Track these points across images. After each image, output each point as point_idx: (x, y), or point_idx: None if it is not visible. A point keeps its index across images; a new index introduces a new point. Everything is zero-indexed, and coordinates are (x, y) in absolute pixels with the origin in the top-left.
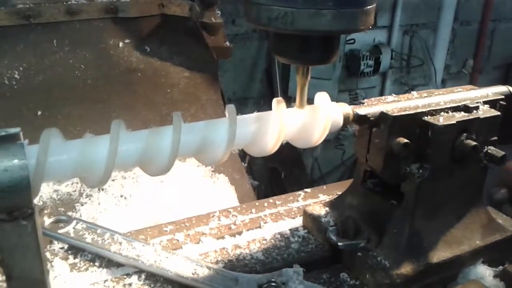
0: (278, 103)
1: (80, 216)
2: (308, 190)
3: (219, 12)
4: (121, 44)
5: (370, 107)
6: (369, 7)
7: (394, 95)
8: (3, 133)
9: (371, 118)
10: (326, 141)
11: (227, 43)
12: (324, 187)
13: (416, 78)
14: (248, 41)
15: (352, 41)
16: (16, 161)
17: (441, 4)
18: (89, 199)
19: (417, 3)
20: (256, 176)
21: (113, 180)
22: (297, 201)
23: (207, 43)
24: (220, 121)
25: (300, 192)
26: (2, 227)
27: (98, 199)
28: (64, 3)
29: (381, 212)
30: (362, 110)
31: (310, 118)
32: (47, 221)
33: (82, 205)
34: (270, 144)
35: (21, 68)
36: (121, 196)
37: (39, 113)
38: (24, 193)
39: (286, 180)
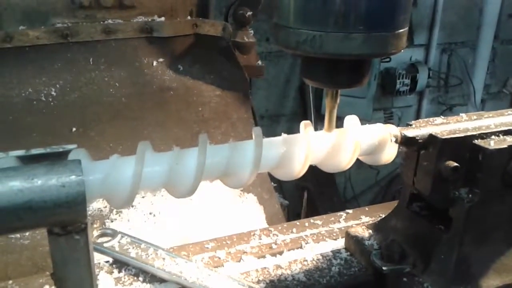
0: (305, 126)
1: None
2: (350, 211)
3: (252, 31)
4: (155, 63)
5: (419, 129)
6: (400, 30)
7: (443, 117)
8: (61, 150)
9: (419, 141)
10: (359, 160)
11: (259, 62)
12: (366, 209)
13: (454, 98)
14: (282, 58)
15: (388, 59)
16: (73, 177)
17: (480, 22)
18: (119, 215)
19: (455, 21)
20: (286, 195)
21: (142, 197)
22: (339, 222)
23: (239, 62)
24: (246, 143)
25: (341, 213)
26: (56, 240)
27: (127, 215)
28: (101, 22)
29: (427, 236)
30: (410, 132)
31: (338, 142)
32: (94, 233)
33: (112, 221)
34: (297, 168)
35: (57, 86)
36: (150, 213)
37: (74, 129)
38: (80, 208)
39: (318, 199)
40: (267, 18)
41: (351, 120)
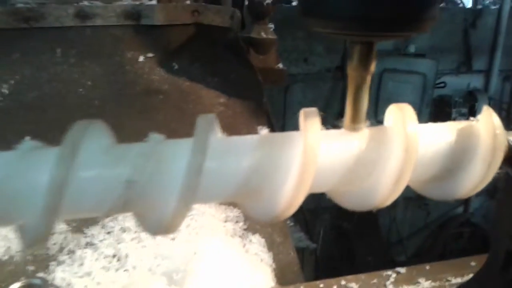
0: (306, 116)
1: (53, 279)
2: (402, 269)
3: (272, 25)
4: (141, 58)
5: None
6: None
7: None
8: None
9: None
10: (407, 198)
11: (280, 65)
12: (427, 267)
13: None
14: (321, 81)
15: (442, 84)
16: None
17: None
18: (70, 257)
19: None
20: (314, 236)
21: (108, 233)
22: (384, 286)
23: (251, 62)
24: (174, 144)
25: (389, 271)
26: None
27: (81, 257)
28: (75, 4)
29: None
30: None
31: (370, 149)
32: (15, 285)
33: (59, 264)
34: (283, 197)
35: (12, 82)
36: (114, 256)
37: (28, 138)
38: None
39: (356, 243)
40: (304, 35)
41: (398, 111)
